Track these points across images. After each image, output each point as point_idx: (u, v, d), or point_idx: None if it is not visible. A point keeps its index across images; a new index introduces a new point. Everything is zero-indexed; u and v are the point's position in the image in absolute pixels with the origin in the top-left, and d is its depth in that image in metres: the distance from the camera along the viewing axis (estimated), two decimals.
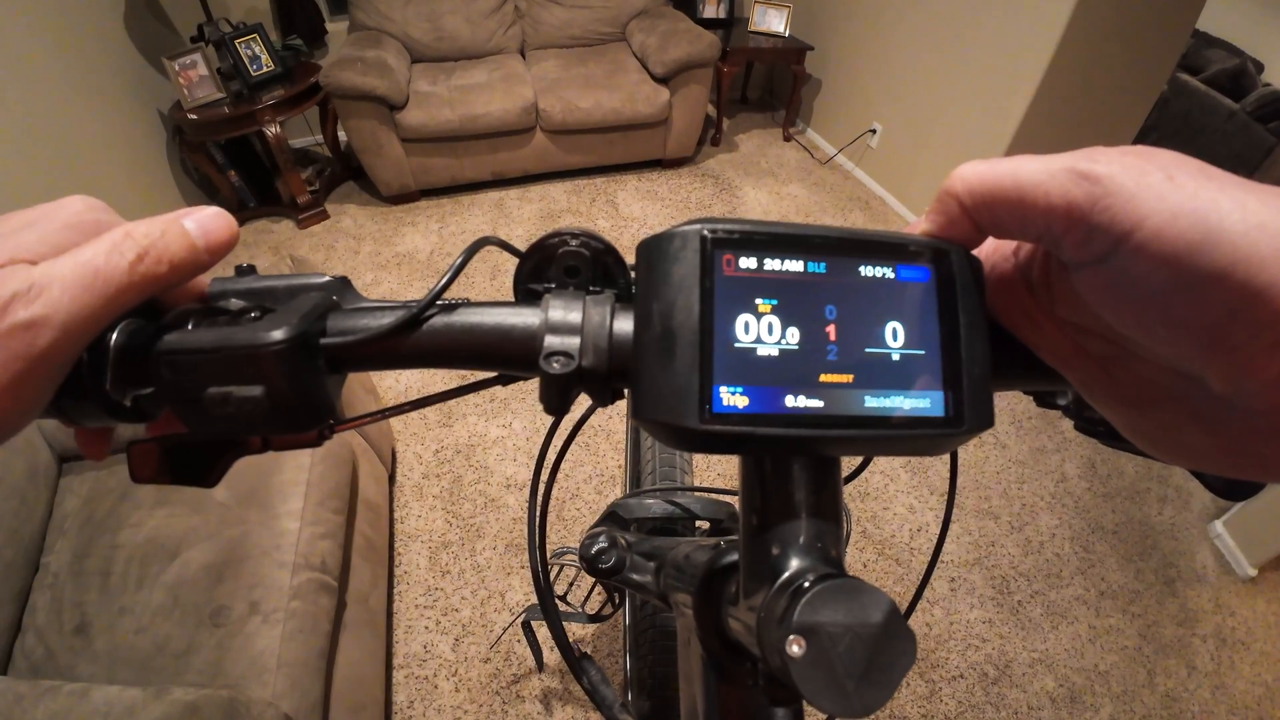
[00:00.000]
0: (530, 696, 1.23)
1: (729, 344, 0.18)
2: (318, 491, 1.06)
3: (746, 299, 0.18)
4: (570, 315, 0.21)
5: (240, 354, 0.19)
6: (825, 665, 0.16)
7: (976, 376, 0.19)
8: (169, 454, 0.23)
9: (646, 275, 0.19)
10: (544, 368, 0.20)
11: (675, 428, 0.18)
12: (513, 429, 1.73)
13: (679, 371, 0.18)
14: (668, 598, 0.37)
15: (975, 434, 0.19)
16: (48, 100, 1.74)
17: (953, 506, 0.38)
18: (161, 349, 0.19)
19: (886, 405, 0.18)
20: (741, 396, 0.17)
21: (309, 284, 0.23)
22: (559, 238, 0.23)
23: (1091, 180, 0.15)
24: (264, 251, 2.42)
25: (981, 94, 2.21)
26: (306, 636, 0.91)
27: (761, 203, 2.73)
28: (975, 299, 0.19)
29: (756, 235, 0.18)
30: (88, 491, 1.07)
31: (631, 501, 0.61)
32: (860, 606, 0.16)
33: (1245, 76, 3.41)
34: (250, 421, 0.20)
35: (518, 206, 2.64)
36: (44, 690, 0.73)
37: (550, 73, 2.56)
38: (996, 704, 1.28)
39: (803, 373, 0.18)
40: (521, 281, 0.24)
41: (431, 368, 0.23)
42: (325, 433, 0.24)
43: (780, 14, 2.91)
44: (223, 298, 0.22)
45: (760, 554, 0.20)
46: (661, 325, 0.18)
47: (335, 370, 0.22)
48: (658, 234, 0.19)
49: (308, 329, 0.20)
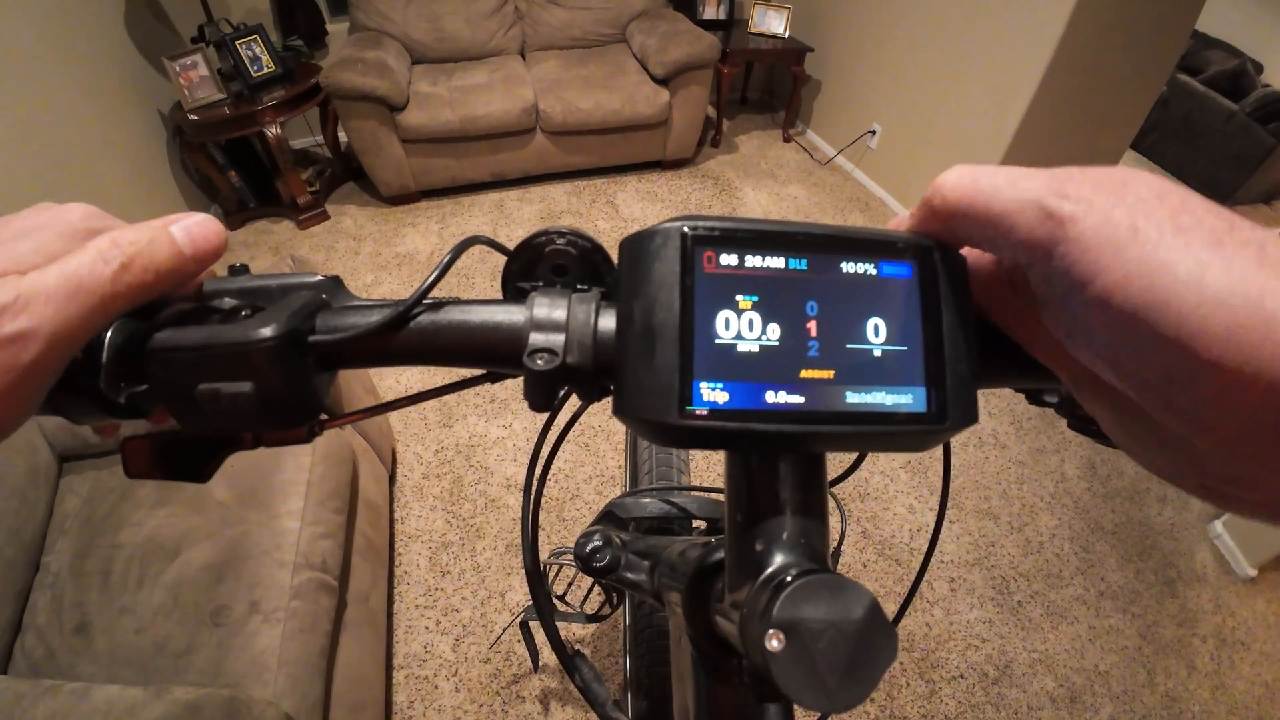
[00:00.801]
0: (530, 696, 1.23)
1: (709, 340, 0.18)
2: (318, 491, 1.06)
3: (727, 296, 0.18)
4: (555, 313, 0.21)
5: (230, 351, 0.19)
6: (805, 661, 0.16)
7: (959, 373, 0.19)
8: (162, 450, 0.24)
9: (628, 273, 0.19)
10: (528, 364, 0.20)
11: (656, 424, 0.18)
12: (513, 429, 1.73)
13: (660, 368, 0.18)
14: (662, 596, 0.37)
15: (958, 430, 0.19)
16: (48, 100, 1.74)
17: (946, 503, 0.38)
18: (154, 347, 0.19)
19: (868, 401, 0.18)
20: (722, 392, 0.18)
21: (301, 283, 0.23)
22: (546, 236, 0.23)
23: (1055, 221, 0.14)
24: (264, 252, 2.42)
25: (981, 94, 2.21)
26: (307, 636, 0.91)
27: (761, 204, 2.73)
28: (959, 295, 0.19)
29: (737, 232, 0.18)
30: (88, 491, 1.07)
31: (628, 501, 0.61)
32: (841, 602, 0.16)
33: (1245, 77, 3.41)
34: (240, 417, 0.20)
35: (518, 207, 2.64)
36: (44, 690, 0.73)
37: (550, 74, 2.56)
38: (996, 704, 1.28)
39: (783, 369, 0.18)
40: (510, 280, 0.24)
41: (420, 365, 0.23)
42: (315, 429, 0.24)
43: (780, 15, 2.91)
44: (216, 297, 0.23)
45: (745, 550, 0.20)
46: (643, 322, 0.18)
47: (325, 368, 0.22)
48: (639, 231, 0.19)
49: (297, 326, 0.20)
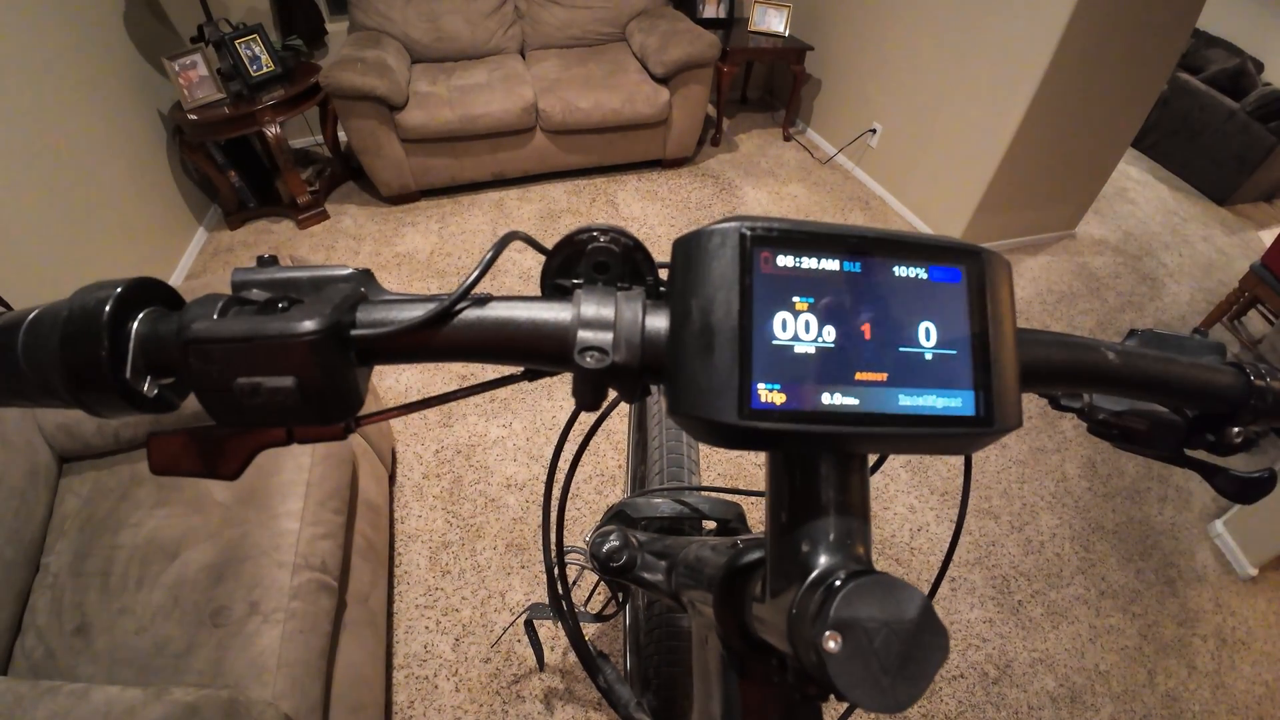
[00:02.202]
0: (531, 696, 1.23)
1: (767, 341, 0.18)
2: (318, 492, 1.06)
3: (784, 297, 0.18)
4: (603, 311, 0.21)
5: (273, 344, 0.19)
6: (862, 660, 0.16)
7: (1006, 377, 0.19)
8: (191, 445, 0.23)
9: (684, 272, 0.19)
10: (579, 362, 0.20)
11: (713, 423, 0.18)
12: (513, 429, 1.73)
13: (718, 367, 0.18)
14: (680, 596, 0.37)
15: (1005, 433, 0.19)
16: (48, 100, 1.74)
17: (966, 507, 0.38)
18: (189, 338, 0.19)
19: (920, 404, 0.18)
20: (779, 393, 0.18)
21: (334, 275, 0.22)
22: (588, 233, 0.23)
23: None
24: (264, 252, 2.41)
25: (981, 94, 2.21)
26: (306, 636, 0.91)
27: (761, 203, 2.73)
28: (1005, 300, 0.19)
29: (794, 234, 0.18)
30: (88, 492, 1.07)
31: (639, 501, 0.61)
32: (895, 602, 0.17)
33: (1245, 76, 3.41)
34: (280, 412, 0.19)
35: (518, 207, 2.64)
36: (44, 690, 0.73)
37: (550, 73, 2.56)
38: (997, 704, 1.28)
39: (839, 370, 0.18)
40: (549, 277, 0.24)
41: (461, 361, 0.23)
42: (351, 425, 0.23)
43: (780, 14, 2.91)
44: (245, 288, 0.22)
45: (789, 551, 0.20)
46: (700, 321, 0.18)
47: (364, 362, 0.22)
48: (695, 230, 0.19)
49: (340, 320, 0.20)
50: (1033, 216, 2.53)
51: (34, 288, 1.58)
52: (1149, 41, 1.99)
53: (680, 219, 2.58)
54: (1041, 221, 2.59)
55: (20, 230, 1.58)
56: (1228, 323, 2.27)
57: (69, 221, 1.76)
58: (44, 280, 1.63)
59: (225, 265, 2.35)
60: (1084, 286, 2.47)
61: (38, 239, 1.64)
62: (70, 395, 0.20)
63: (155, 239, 2.18)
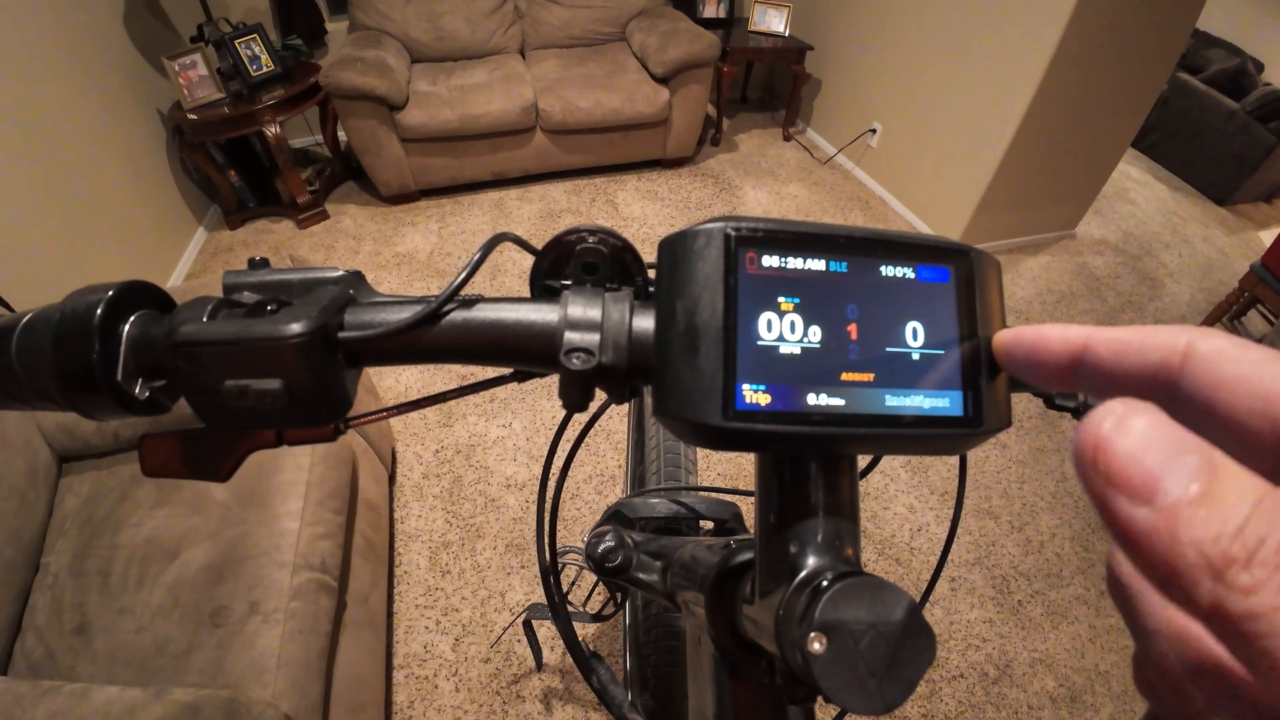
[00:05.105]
0: (530, 696, 1.23)
1: (752, 342, 0.18)
2: (318, 492, 1.06)
3: (769, 297, 0.18)
4: (590, 312, 0.21)
5: (260, 346, 0.19)
6: (847, 662, 0.16)
7: (995, 377, 0.19)
8: (181, 447, 0.23)
9: (669, 272, 0.19)
10: (565, 364, 0.20)
11: (699, 425, 0.18)
12: (513, 429, 1.73)
13: (702, 369, 0.18)
14: (675, 597, 0.37)
15: (993, 434, 0.19)
16: (48, 100, 1.74)
17: (961, 507, 0.38)
18: (178, 340, 0.19)
19: (907, 404, 0.18)
20: (764, 394, 0.17)
21: (324, 278, 0.23)
22: (576, 234, 0.23)
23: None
24: (264, 252, 2.42)
25: (981, 94, 2.21)
26: (306, 636, 0.91)
27: (761, 203, 2.73)
28: (993, 299, 0.19)
29: (779, 234, 0.18)
30: (88, 491, 1.07)
31: (636, 501, 0.61)
32: (881, 604, 0.16)
33: (1245, 76, 3.41)
34: (268, 415, 0.19)
35: (517, 206, 2.64)
36: (44, 690, 0.73)
37: (550, 73, 2.56)
38: (997, 704, 1.28)
39: (824, 371, 0.18)
40: (539, 278, 0.24)
41: (448, 363, 0.23)
42: (340, 427, 0.23)
43: (780, 14, 2.91)
44: (236, 290, 0.22)
45: (777, 552, 0.20)
46: (685, 322, 0.18)
47: (353, 364, 0.22)
48: (680, 231, 0.19)
49: (327, 322, 0.20)
50: (1033, 216, 2.53)
51: (34, 288, 1.58)
52: (1149, 41, 1.98)
53: (680, 219, 2.58)
54: (1041, 221, 2.59)
55: (20, 230, 1.58)
56: (1227, 323, 2.27)
57: (69, 221, 1.76)
58: (44, 280, 1.63)
59: (225, 265, 2.35)
60: (1084, 286, 2.47)
61: (38, 239, 1.64)
62: (63, 398, 0.20)
63: (155, 239, 2.18)
